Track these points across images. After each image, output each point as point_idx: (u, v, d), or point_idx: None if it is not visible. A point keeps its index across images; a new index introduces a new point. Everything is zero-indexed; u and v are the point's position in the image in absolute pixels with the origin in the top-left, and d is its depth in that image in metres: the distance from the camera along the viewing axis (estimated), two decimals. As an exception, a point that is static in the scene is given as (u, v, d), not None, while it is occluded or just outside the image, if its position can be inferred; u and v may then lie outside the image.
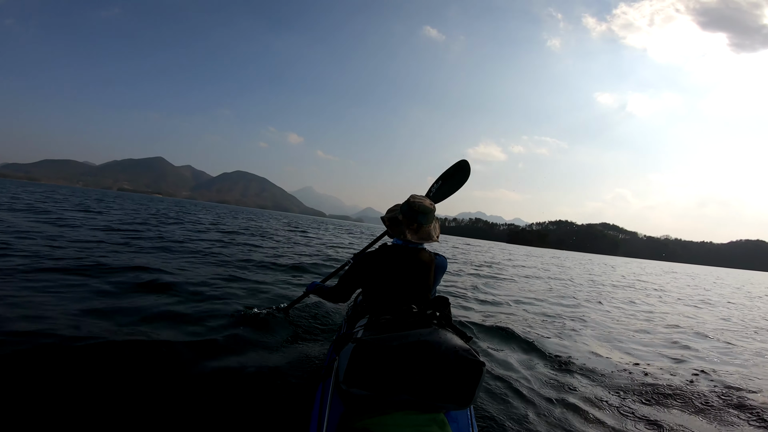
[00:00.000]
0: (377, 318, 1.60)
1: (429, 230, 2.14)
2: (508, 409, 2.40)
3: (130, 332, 2.70)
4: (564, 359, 3.47)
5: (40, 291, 3.40)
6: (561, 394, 2.72)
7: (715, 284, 21.11)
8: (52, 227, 8.11)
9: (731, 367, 3.91)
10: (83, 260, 4.82)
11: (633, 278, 17.48)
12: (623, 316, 6.56)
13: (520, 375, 2.97)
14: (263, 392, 2.17)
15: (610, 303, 7.92)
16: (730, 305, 10.39)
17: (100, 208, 17.86)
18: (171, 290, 4.01)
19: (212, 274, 5.18)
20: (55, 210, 12.96)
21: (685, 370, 3.58)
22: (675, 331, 5.57)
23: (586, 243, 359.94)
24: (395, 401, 1.36)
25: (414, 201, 2.15)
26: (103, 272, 4.37)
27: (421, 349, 1.35)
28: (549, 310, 6.12)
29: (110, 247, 6.31)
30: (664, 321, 6.47)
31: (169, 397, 2.00)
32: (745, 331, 6.42)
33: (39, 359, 2.17)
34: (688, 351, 4.42)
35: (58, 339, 2.38)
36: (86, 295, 3.47)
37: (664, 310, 7.95)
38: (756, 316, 8.70)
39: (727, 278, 34.38)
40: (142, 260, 5.41)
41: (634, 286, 12.91)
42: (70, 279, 3.94)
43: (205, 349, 2.62)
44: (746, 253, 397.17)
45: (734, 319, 7.67)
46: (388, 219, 2.21)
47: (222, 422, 1.87)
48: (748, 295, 15.04)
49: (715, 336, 5.52)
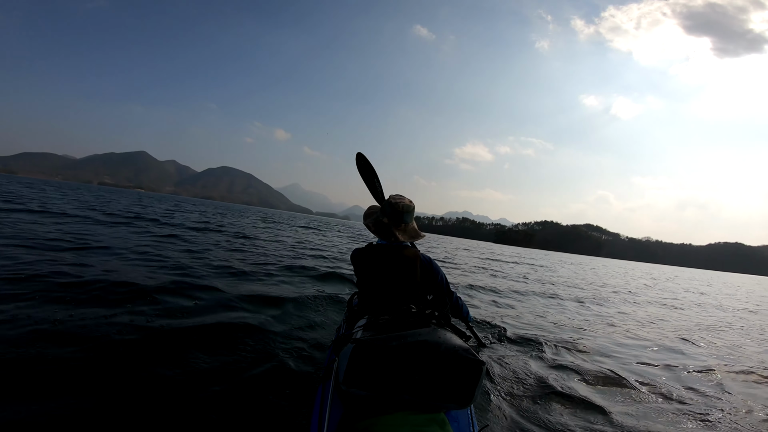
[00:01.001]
0: (376, 318, 1.60)
1: (415, 228, 2.21)
2: (508, 408, 2.41)
3: (120, 331, 2.65)
4: (567, 361, 3.47)
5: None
6: (562, 394, 2.73)
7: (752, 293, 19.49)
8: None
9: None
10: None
11: (664, 285, 16.96)
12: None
13: (520, 374, 2.98)
14: (263, 394, 2.16)
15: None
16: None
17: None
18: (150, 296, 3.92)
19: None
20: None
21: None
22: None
23: (571, 244, 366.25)
24: (395, 401, 1.36)
25: (397, 202, 2.18)
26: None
27: (421, 349, 1.36)
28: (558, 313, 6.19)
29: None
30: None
31: (167, 399, 1.98)
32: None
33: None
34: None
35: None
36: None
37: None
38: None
39: (746, 283, 33.20)
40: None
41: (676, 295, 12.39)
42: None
43: (205, 349, 2.60)
44: (724, 255, 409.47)
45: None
46: (373, 224, 2.22)
47: (223, 424, 1.85)
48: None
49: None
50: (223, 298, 3.92)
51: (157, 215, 15.60)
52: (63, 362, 2.18)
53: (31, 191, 22.41)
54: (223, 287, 4.33)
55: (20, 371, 2.04)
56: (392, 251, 2.11)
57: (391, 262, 2.08)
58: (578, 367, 3.34)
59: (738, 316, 9.00)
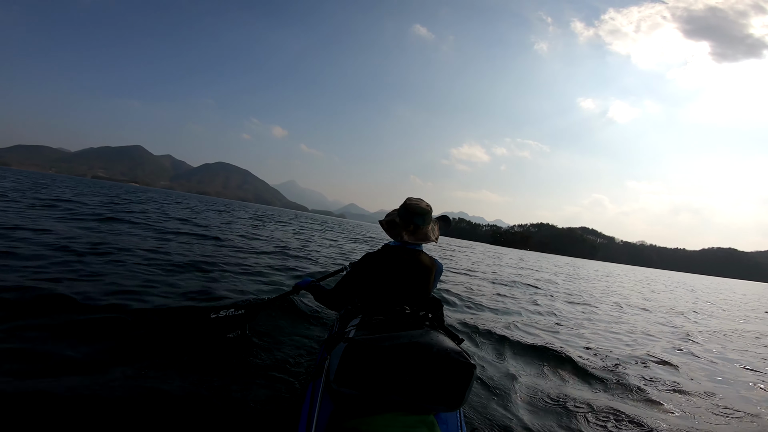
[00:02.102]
0: (370, 318, 1.60)
1: (426, 231, 2.17)
2: (498, 411, 2.42)
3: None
4: (562, 363, 3.49)
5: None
6: (552, 397, 2.75)
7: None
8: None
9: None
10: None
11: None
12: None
13: (510, 378, 2.98)
14: (253, 391, 2.15)
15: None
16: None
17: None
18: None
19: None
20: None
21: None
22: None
23: (567, 246, 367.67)
24: (385, 402, 1.36)
25: (410, 203, 2.19)
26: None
27: (413, 350, 1.36)
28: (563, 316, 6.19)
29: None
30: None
31: (154, 396, 1.95)
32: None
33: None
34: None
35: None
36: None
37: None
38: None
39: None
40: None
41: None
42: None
43: (192, 344, 2.56)
44: (718, 260, 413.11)
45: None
46: (386, 222, 2.23)
47: (212, 421, 1.85)
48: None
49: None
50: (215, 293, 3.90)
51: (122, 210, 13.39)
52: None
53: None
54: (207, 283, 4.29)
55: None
56: (406, 254, 2.10)
57: (404, 265, 2.06)
58: (575, 371, 3.33)
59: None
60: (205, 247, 7.18)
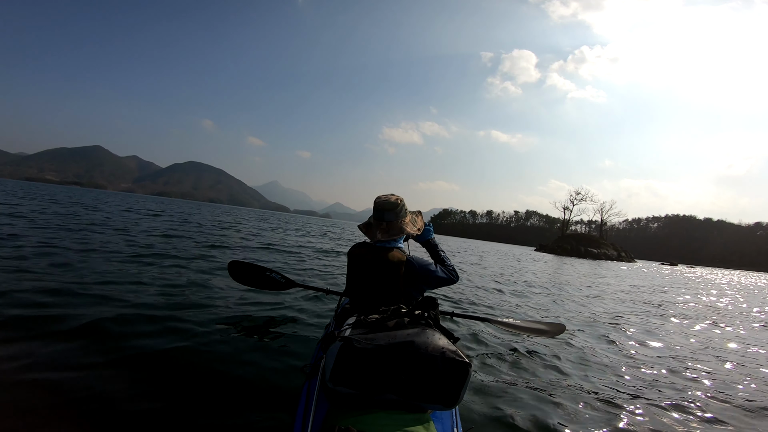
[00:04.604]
0: (365, 317, 1.61)
1: (399, 226, 2.15)
2: (493, 409, 2.37)
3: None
4: (553, 361, 3.45)
5: None
6: (547, 395, 2.69)
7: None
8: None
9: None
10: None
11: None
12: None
13: (506, 376, 2.97)
14: (249, 390, 2.15)
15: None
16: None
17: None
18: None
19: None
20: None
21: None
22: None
23: (518, 236, 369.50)
24: (381, 400, 1.37)
25: (378, 201, 2.19)
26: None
27: (408, 349, 1.37)
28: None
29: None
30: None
31: (150, 395, 1.95)
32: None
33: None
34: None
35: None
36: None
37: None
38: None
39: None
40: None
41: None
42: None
43: (190, 345, 2.58)
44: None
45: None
46: (364, 226, 2.24)
47: (207, 419, 1.84)
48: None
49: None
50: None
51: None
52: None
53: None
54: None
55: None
56: (373, 252, 2.08)
57: (370, 263, 2.06)
58: (570, 368, 3.27)
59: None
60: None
